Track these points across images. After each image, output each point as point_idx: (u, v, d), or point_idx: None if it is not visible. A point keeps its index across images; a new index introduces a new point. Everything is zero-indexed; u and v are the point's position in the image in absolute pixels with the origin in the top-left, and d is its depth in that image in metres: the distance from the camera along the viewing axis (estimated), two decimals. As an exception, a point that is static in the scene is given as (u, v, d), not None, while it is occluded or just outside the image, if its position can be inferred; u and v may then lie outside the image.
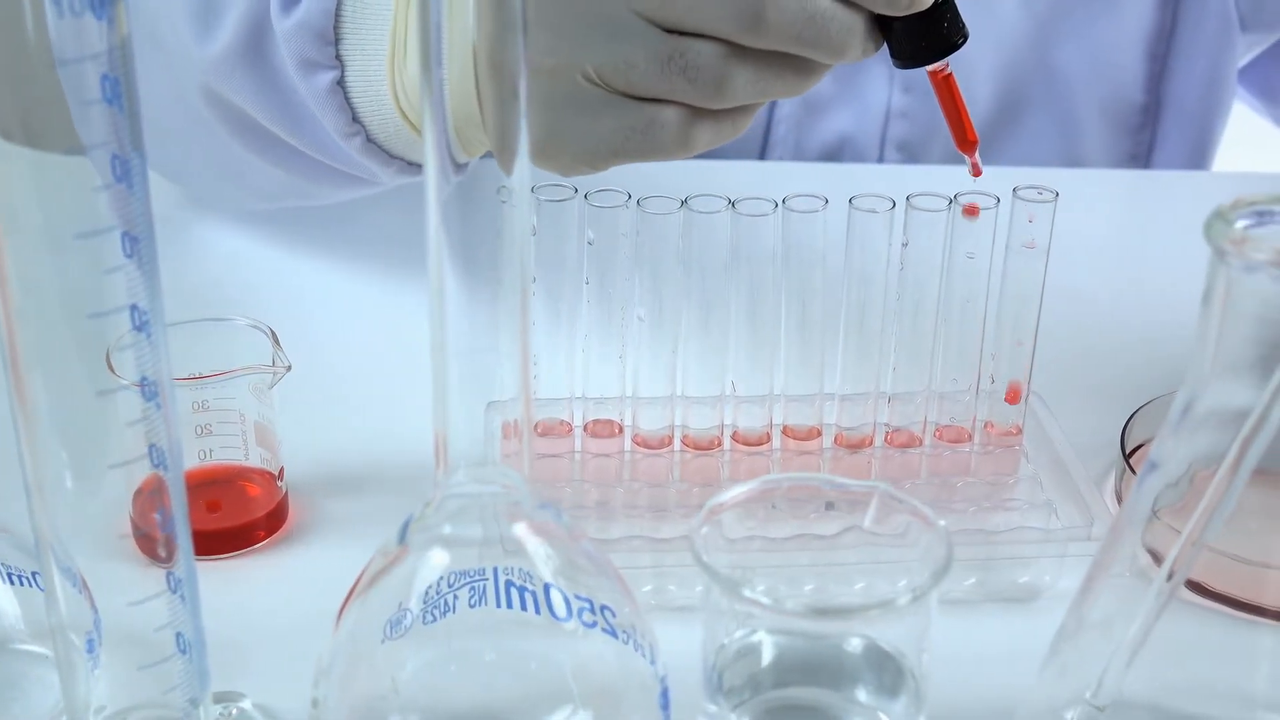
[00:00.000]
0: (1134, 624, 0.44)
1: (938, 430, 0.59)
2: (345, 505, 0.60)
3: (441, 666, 0.43)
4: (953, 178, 0.57)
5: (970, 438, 0.59)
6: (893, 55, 0.57)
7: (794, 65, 0.55)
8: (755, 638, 0.43)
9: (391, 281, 0.76)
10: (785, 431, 0.58)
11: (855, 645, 0.43)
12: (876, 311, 0.56)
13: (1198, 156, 0.98)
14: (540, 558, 0.42)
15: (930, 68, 0.57)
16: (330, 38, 0.61)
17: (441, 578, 0.42)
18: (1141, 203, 0.92)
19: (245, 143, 0.68)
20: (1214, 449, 0.41)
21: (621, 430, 0.58)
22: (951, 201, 0.55)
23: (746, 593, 0.40)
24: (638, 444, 0.58)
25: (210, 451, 0.58)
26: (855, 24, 0.54)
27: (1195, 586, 0.50)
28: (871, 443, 0.59)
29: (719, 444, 0.58)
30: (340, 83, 0.62)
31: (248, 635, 0.54)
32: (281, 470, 0.58)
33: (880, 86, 0.91)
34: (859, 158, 0.92)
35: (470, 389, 0.39)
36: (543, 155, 0.57)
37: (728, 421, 0.58)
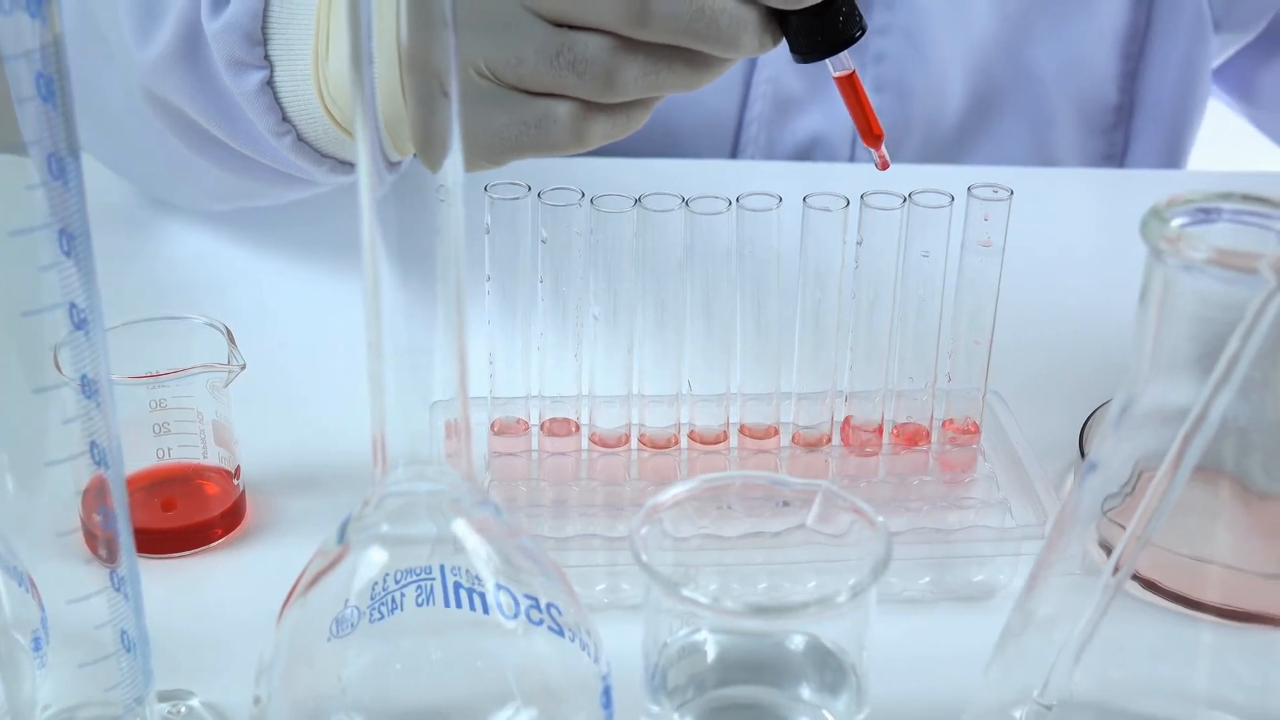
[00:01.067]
0: (1080, 621, 0.44)
1: (895, 429, 0.59)
2: (303, 503, 0.60)
3: (388, 665, 0.42)
4: (925, 176, 0.57)
5: (928, 436, 0.59)
6: (791, 50, 0.56)
7: (686, 58, 0.55)
8: (698, 637, 0.43)
9: (348, 280, 0.76)
10: (742, 430, 0.58)
11: (797, 643, 0.43)
12: (832, 310, 0.56)
13: (1172, 156, 0.99)
14: (479, 555, 0.41)
15: (844, 71, 0.57)
16: (258, 38, 0.62)
17: (386, 576, 0.42)
18: (1115, 202, 0.92)
19: (188, 144, 0.69)
20: (1153, 449, 0.41)
21: (578, 429, 0.58)
22: (906, 200, 0.54)
23: (685, 592, 0.40)
24: (595, 443, 0.58)
25: (169, 450, 0.58)
26: (747, 17, 0.54)
27: (1150, 585, 0.50)
28: (829, 441, 0.59)
29: (676, 442, 0.58)
30: (270, 83, 0.63)
31: (204, 633, 0.54)
32: (238, 469, 0.58)
33: (852, 86, 0.91)
34: (831, 157, 0.92)
35: (408, 387, 0.39)
36: (434, 153, 0.57)
37: (684, 420, 0.58)
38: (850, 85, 0.57)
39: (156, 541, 0.57)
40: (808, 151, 0.92)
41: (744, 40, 0.54)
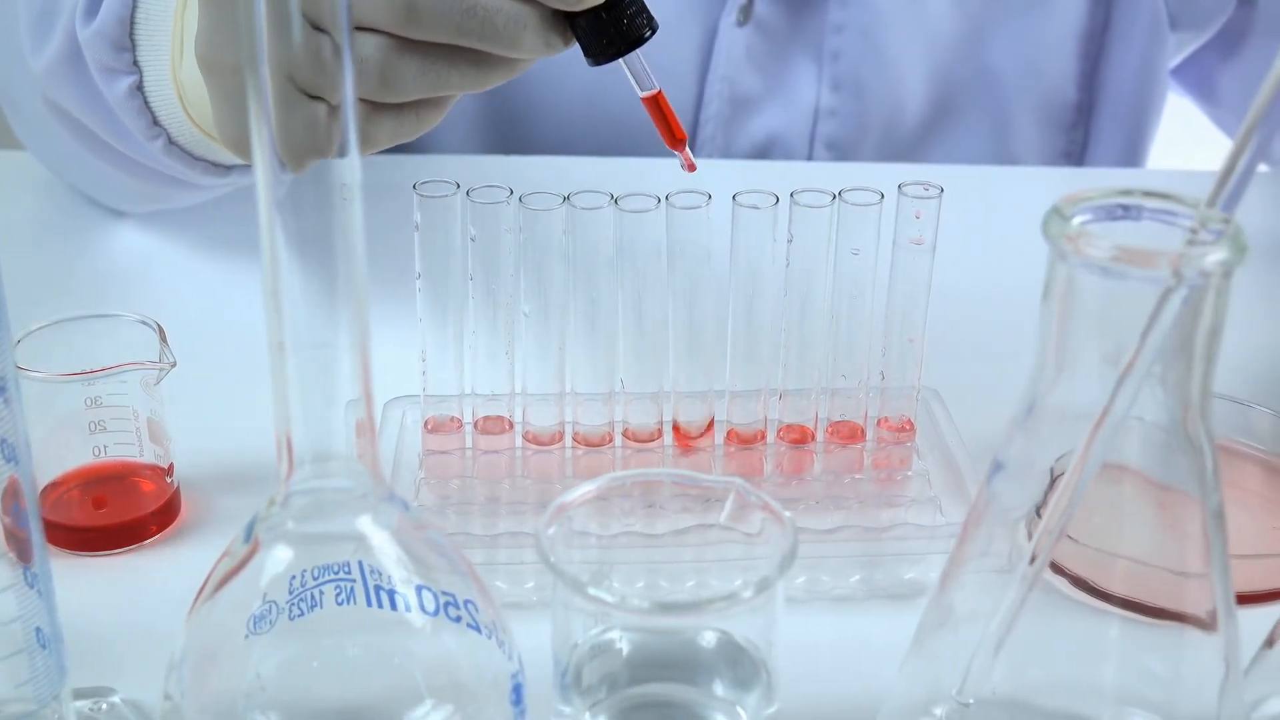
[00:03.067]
0: (997, 616, 0.44)
1: (830, 426, 0.59)
2: (236, 500, 0.60)
3: (308, 662, 0.42)
4: (883, 174, 0.57)
5: (863, 434, 0.59)
6: (583, 52, 0.56)
7: (470, 57, 0.54)
8: (608, 636, 0.43)
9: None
10: (677, 428, 0.58)
11: (709, 640, 0.43)
12: (765, 307, 0.56)
13: (1131, 154, 0.99)
14: (390, 551, 0.42)
15: (650, 92, 0.57)
16: (125, 44, 0.63)
17: (304, 572, 0.42)
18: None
19: (87, 148, 0.70)
20: (1059, 447, 0.41)
21: (512, 426, 0.58)
22: (836, 197, 0.54)
23: (592, 590, 0.40)
24: (528, 441, 0.58)
25: (105, 448, 0.58)
26: (524, 16, 0.53)
27: (1081, 583, 0.50)
28: (763, 439, 0.59)
29: (610, 440, 0.58)
30: (140, 87, 0.63)
31: (135, 630, 0.54)
32: (171, 466, 0.58)
33: (808, 85, 0.91)
34: (788, 156, 0.92)
35: (312, 386, 0.39)
36: (240, 149, 0.58)
37: (618, 418, 0.58)
38: (654, 103, 0.57)
39: (91, 539, 0.57)
40: (765, 151, 0.92)
41: (524, 40, 0.53)
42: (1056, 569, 0.48)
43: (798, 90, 0.91)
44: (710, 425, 0.58)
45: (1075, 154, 0.98)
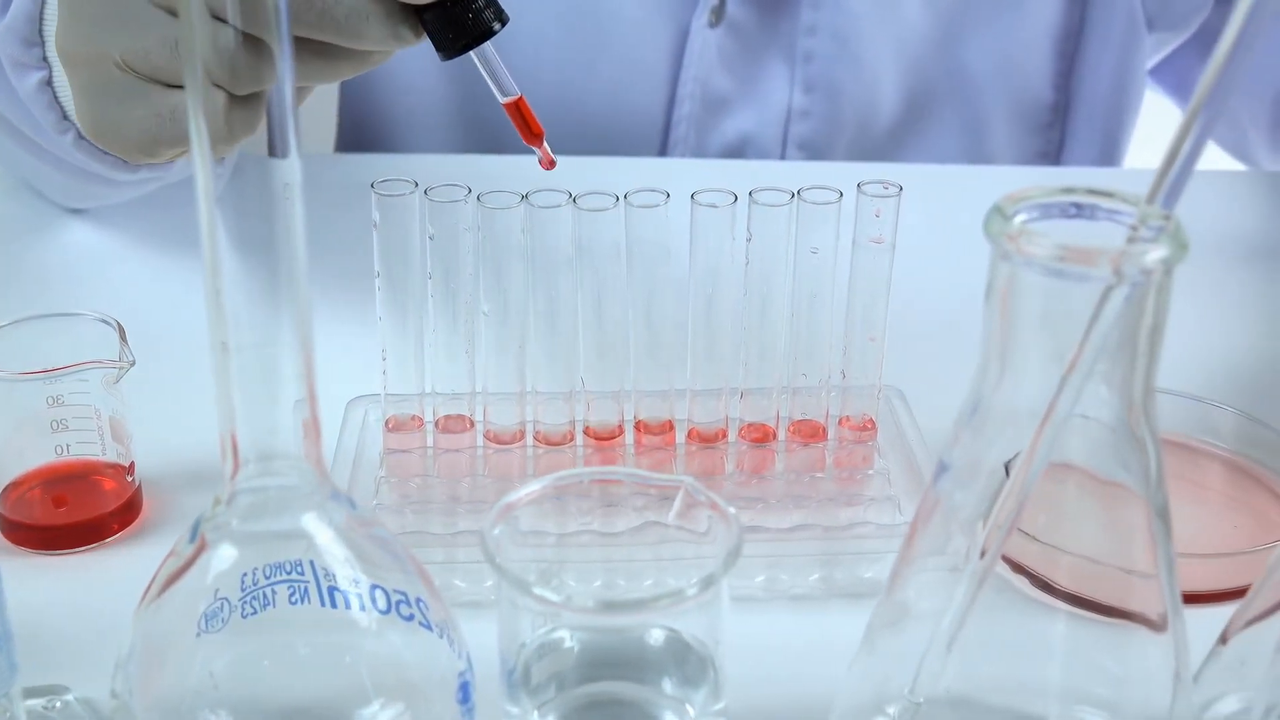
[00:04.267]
0: (949, 613, 0.44)
1: (792, 425, 0.59)
2: (198, 499, 0.60)
3: (260, 661, 0.42)
4: (856, 174, 0.57)
5: (824, 433, 0.59)
6: (434, 46, 0.56)
7: (317, 50, 0.54)
8: (556, 635, 0.43)
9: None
10: (639, 426, 0.58)
11: (656, 638, 0.43)
12: (725, 306, 0.56)
13: (1108, 154, 0.99)
14: (337, 549, 0.42)
15: (510, 98, 0.58)
16: (34, 40, 0.63)
17: (255, 570, 0.42)
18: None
19: (18, 144, 0.70)
20: (1003, 446, 0.41)
21: (473, 425, 0.58)
22: (794, 196, 0.54)
23: (537, 590, 0.40)
24: (489, 439, 0.58)
25: (67, 447, 0.58)
26: (366, 8, 0.53)
27: (1040, 582, 0.50)
28: (725, 437, 0.59)
29: (571, 439, 0.58)
30: (49, 82, 0.64)
31: (95, 629, 0.54)
32: (132, 465, 0.58)
33: (781, 86, 0.91)
34: (761, 157, 0.93)
35: (255, 384, 0.39)
36: (102, 142, 0.58)
37: (579, 417, 0.58)
38: (515, 108, 0.58)
39: (53, 538, 0.57)
40: (738, 151, 0.92)
41: (368, 32, 0.53)
42: (1013, 567, 0.48)
43: (770, 91, 0.91)
44: (671, 424, 0.58)
45: (1051, 154, 0.98)
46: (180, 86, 0.56)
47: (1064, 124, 0.97)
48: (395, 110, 0.94)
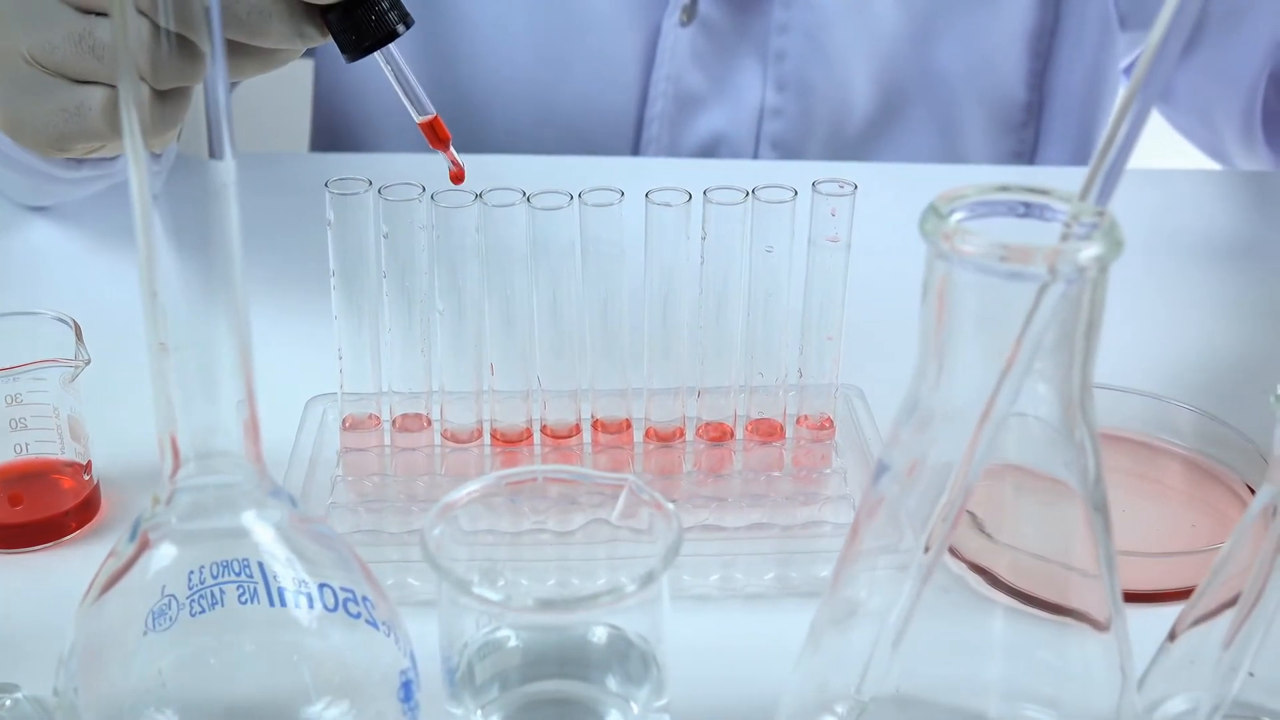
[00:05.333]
0: (894, 610, 0.44)
1: (749, 424, 0.59)
2: (155, 498, 0.59)
3: (205, 659, 0.42)
4: (828, 173, 0.57)
5: (782, 432, 0.59)
6: (338, 47, 0.56)
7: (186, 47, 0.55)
8: (498, 635, 0.43)
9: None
10: (596, 425, 0.58)
11: (599, 635, 0.43)
12: (680, 305, 0.56)
13: (1082, 153, 0.99)
14: (278, 546, 0.42)
15: (425, 118, 0.57)
16: None
17: (195, 571, 0.42)
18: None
19: None
20: (942, 446, 0.41)
21: (430, 424, 0.58)
22: (749, 195, 0.54)
23: (476, 589, 0.40)
24: (446, 438, 0.58)
25: (26, 445, 0.58)
26: (268, 7, 0.53)
27: (1000, 585, 0.50)
28: (682, 436, 0.59)
29: (529, 438, 0.58)
30: None
31: (53, 627, 0.54)
32: (89, 463, 0.58)
33: (753, 84, 0.91)
34: (734, 156, 0.93)
35: (194, 384, 0.39)
36: (17, 138, 0.58)
37: (536, 416, 0.58)
38: (400, 86, 0.57)
39: (10, 536, 0.57)
40: (711, 150, 0.92)
41: (270, 30, 0.53)
42: (971, 567, 0.48)
43: (743, 90, 0.91)
44: (629, 423, 0.58)
45: (1025, 154, 0.98)
46: (86, 82, 0.56)
47: (1038, 123, 0.97)
48: (368, 110, 0.94)
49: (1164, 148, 1.11)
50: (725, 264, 0.56)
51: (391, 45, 0.56)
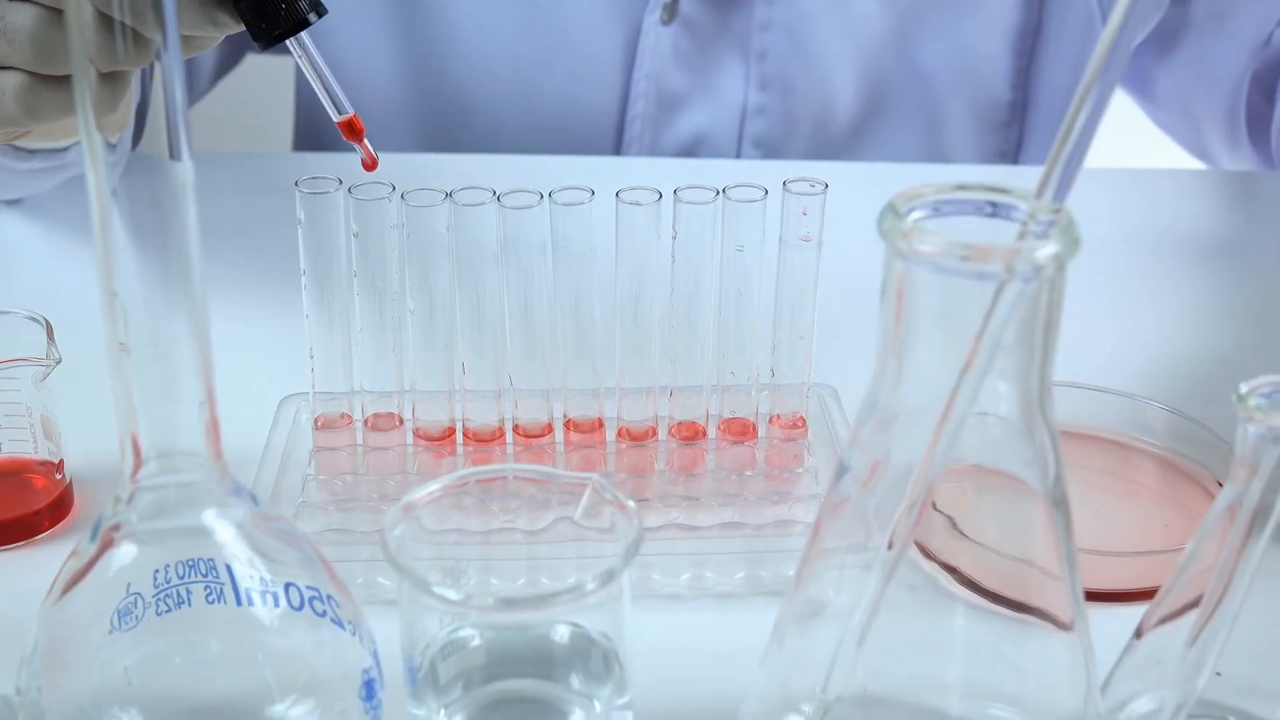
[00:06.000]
0: (858, 612, 0.44)
1: (722, 423, 0.59)
2: (128, 497, 0.59)
3: (171, 658, 0.43)
4: (811, 172, 0.57)
5: (755, 431, 0.59)
6: (250, 36, 0.56)
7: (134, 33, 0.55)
8: (461, 634, 0.43)
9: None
10: (569, 425, 0.58)
11: (562, 634, 0.43)
12: (652, 304, 0.56)
13: (1066, 153, 0.98)
14: (241, 545, 0.42)
15: (344, 117, 0.57)
16: None
17: (160, 569, 0.42)
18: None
19: None
20: (903, 446, 0.41)
21: (402, 423, 0.58)
22: (719, 194, 0.54)
23: (436, 589, 0.40)
24: (419, 437, 0.58)
25: (-1, 445, 0.59)
26: None
27: (969, 584, 0.50)
28: (655, 435, 0.59)
29: (501, 437, 0.58)
30: None
31: (25, 625, 0.54)
32: (61, 462, 0.58)
33: (735, 83, 0.91)
34: (716, 155, 0.93)
35: (153, 383, 0.39)
36: None
37: (508, 415, 0.58)
38: (314, 73, 0.57)
39: (-17, 535, 0.57)
40: (693, 149, 0.92)
41: (183, 17, 0.53)
42: (944, 568, 0.48)
43: (725, 89, 0.91)
44: (601, 422, 0.58)
45: (1010, 153, 0.98)
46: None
47: (1022, 122, 0.97)
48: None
49: (1147, 146, 1.11)
50: (696, 263, 0.56)
51: (305, 36, 0.56)
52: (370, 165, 0.58)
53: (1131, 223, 0.87)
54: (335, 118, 0.58)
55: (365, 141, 0.58)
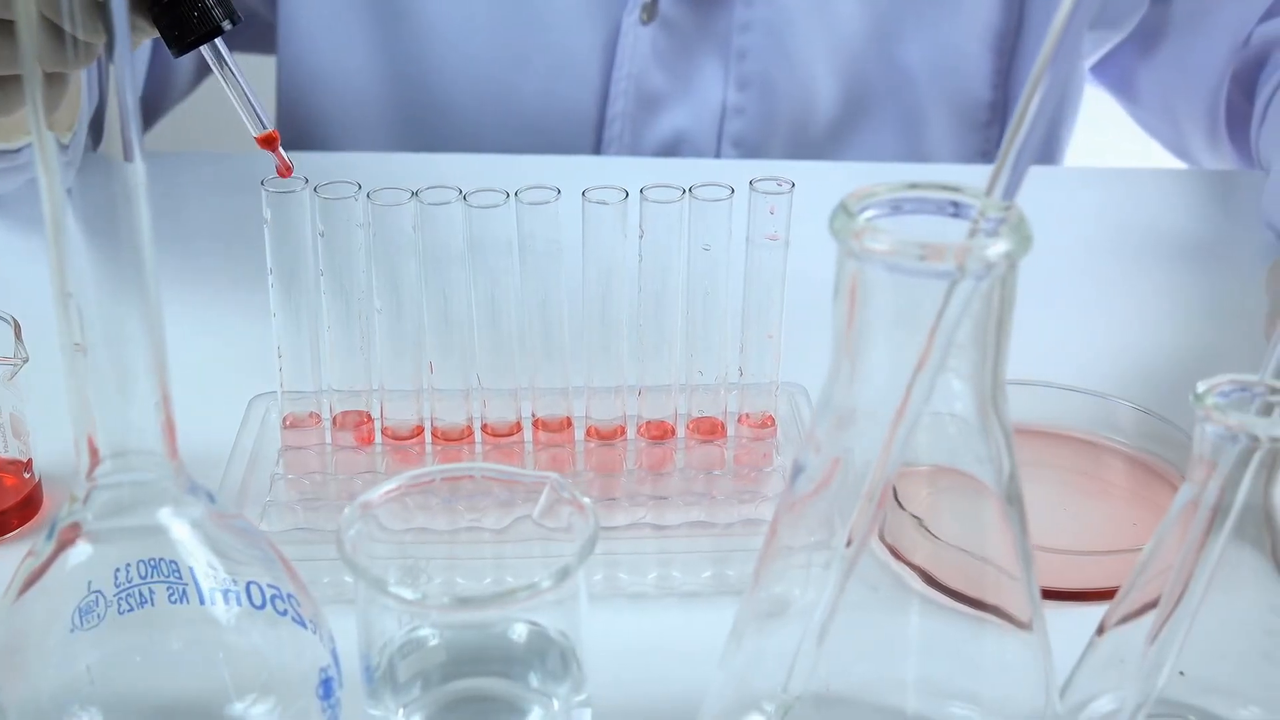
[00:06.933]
0: (818, 610, 0.44)
1: (691, 423, 0.59)
2: (97, 497, 0.59)
3: (132, 656, 0.43)
4: (791, 172, 0.57)
5: (723, 430, 0.59)
6: (165, 42, 0.56)
7: (53, 34, 0.54)
8: (420, 633, 0.43)
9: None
10: (537, 424, 0.58)
11: (520, 632, 0.43)
12: (619, 303, 0.56)
13: (1048, 152, 0.99)
14: (200, 543, 0.42)
15: (263, 132, 0.57)
16: None
17: (121, 569, 0.42)
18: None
19: None
20: (859, 445, 0.41)
21: (370, 421, 0.58)
22: (685, 193, 0.55)
23: (391, 588, 0.40)
24: (387, 436, 0.58)
25: (-30, 444, 0.59)
26: None
27: (933, 582, 0.50)
28: (623, 434, 0.59)
29: (469, 436, 0.58)
30: None
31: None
32: (30, 461, 0.58)
33: (715, 83, 0.91)
34: (696, 154, 0.93)
35: (108, 382, 0.39)
36: None
37: (476, 414, 0.58)
38: (233, 79, 0.57)
39: (-50, 533, 0.58)
40: (673, 149, 0.93)
41: (92, 25, 0.53)
42: (889, 557, 0.48)
43: (704, 88, 0.91)
44: (569, 421, 0.58)
45: (991, 152, 0.98)
46: None
47: (1003, 122, 0.97)
48: (330, 109, 0.94)
49: (1129, 145, 1.11)
50: (664, 262, 0.56)
51: (220, 43, 0.56)
52: (285, 172, 0.57)
53: (1106, 222, 0.87)
54: (253, 131, 0.57)
55: (279, 149, 0.58)
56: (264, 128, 0.57)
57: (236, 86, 0.57)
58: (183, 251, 0.76)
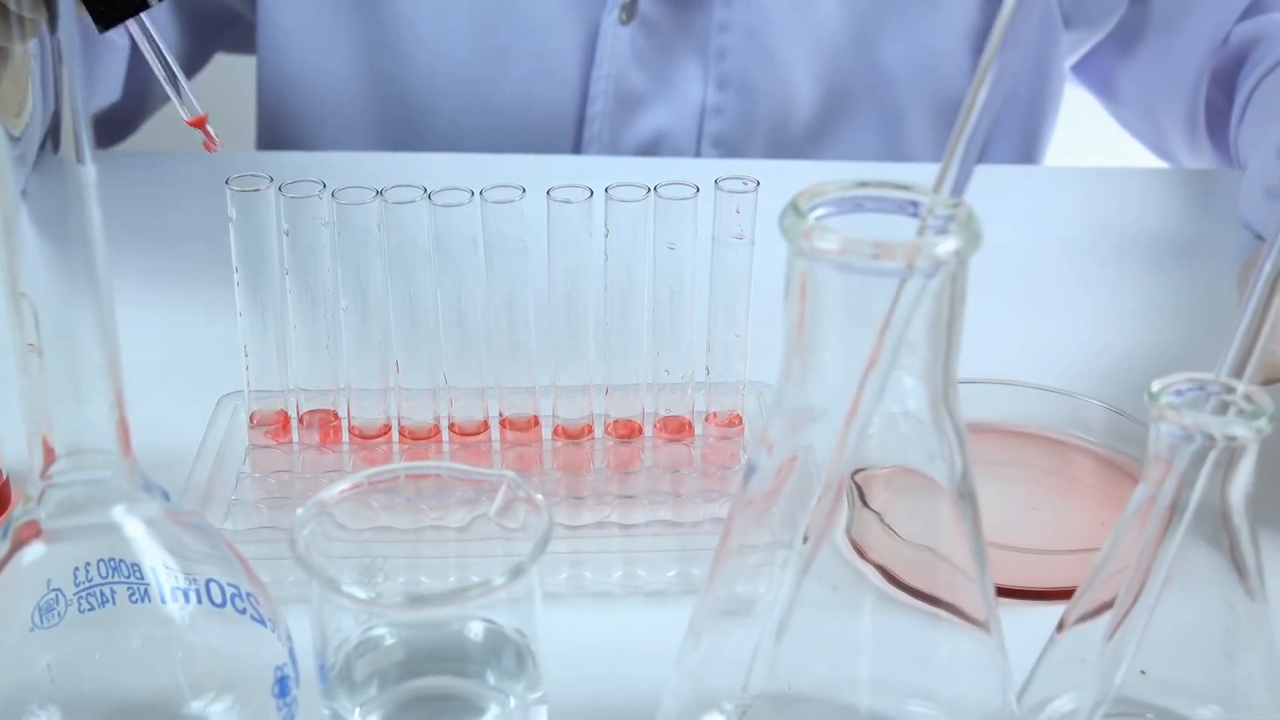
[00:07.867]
0: (775, 608, 0.44)
1: (658, 421, 0.59)
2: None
3: (93, 655, 0.43)
4: (770, 171, 0.57)
5: (691, 429, 0.59)
6: (91, 18, 0.55)
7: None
8: (375, 633, 0.43)
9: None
10: (504, 423, 0.58)
11: (476, 630, 0.43)
12: (585, 302, 0.56)
13: (1028, 151, 0.99)
14: (157, 542, 0.42)
15: (194, 117, 0.57)
16: None
17: (80, 567, 0.42)
18: (971, 198, 0.92)
19: None
20: (813, 444, 0.41)
21: (337, 420, 0.58)
22: (650, 191, 0.55)
23: (345, 588, 0.40)
24: (355, 435, 0.58)
25: (-60, 442, 0.59)
26: None
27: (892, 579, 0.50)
28: (590, 433, 0.59)
29: (437, 435, 0.58)
30: None
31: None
32: (-2, 459, 0.59)
33: (694, 83, 0.91)
34: (676, 154, 0.93)
35: (63, 381, 0.39)
36: None
37: (444, 413, 0.58)
38: (159, 61, 0.57)
39: (-80, 533, 0.57)
40: (653, 148, 0.93)
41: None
42: (852, 555, 0.48)
43: (684, 88, 0.91)
44: (536, 420, 0.58)
45: (971, 152, 0.98)
46: None
47: (983, 122, 0.97)
48: (311, 109, 0.94)
49: (1106, 143, 1.11)
50: (629, 261, 0.56)
51: (145, 18, 0.55)
52: (210, 147, 0.58)
53: (1086, 221, 0.87)
54: (184, 115, 0.57)
55: (207, 127, 0.58)
56: (196, 113, 0.57)
57: (162, 61, 0.57)
58: (156, 251, 0.77)
